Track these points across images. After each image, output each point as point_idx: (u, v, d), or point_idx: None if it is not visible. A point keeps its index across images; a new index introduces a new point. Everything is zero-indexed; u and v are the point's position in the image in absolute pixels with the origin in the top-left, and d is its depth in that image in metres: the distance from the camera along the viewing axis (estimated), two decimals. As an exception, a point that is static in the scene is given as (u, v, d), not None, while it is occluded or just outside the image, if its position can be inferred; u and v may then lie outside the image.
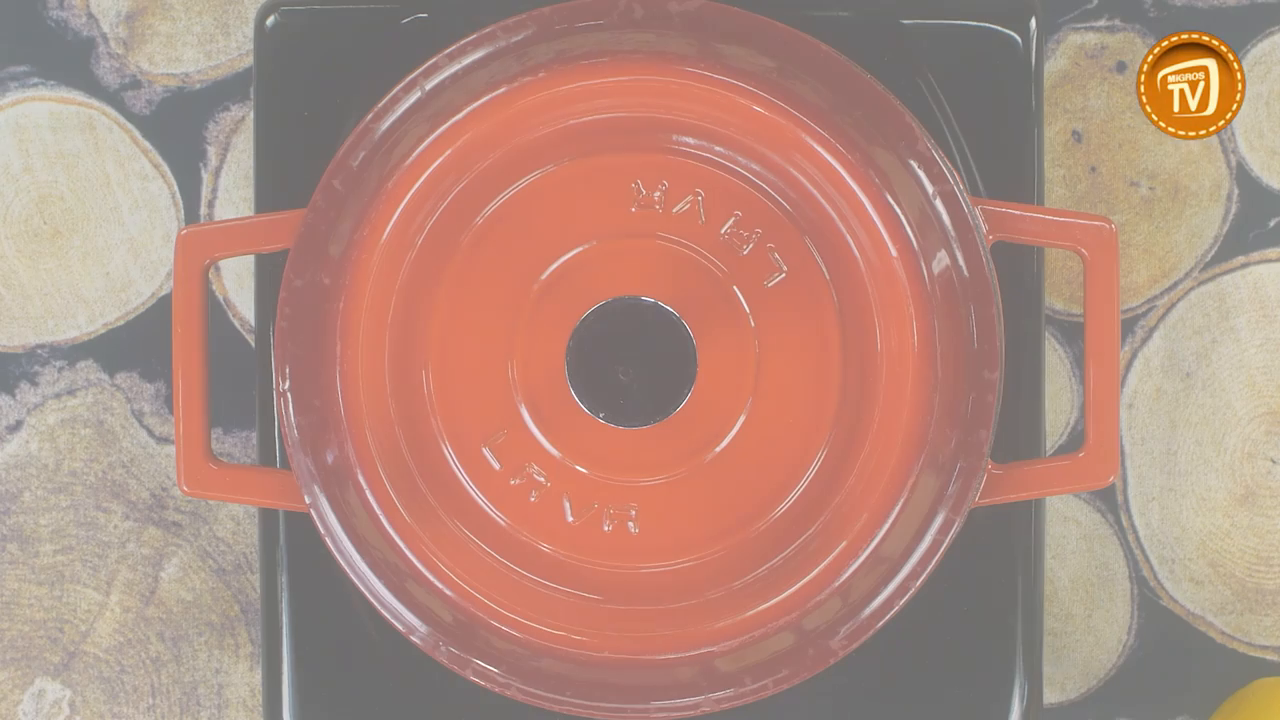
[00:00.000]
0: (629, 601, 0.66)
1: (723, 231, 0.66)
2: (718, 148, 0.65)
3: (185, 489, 0.66)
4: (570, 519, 0.66)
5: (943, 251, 0.64)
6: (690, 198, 0.66)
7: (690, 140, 0.65)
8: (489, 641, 0.66)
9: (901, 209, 0.64)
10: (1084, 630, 0.77)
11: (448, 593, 0.66)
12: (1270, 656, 0.77)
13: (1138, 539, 0.77)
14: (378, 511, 0.66)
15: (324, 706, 0.70)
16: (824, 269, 0.66)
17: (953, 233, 0.64)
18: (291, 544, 0.69)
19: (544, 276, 0.66)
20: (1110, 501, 0.77)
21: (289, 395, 0.65)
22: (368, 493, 0.66)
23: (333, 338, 0.65)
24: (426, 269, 0.66)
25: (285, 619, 0.69)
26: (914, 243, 0.64)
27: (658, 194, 0.66)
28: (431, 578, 0.66)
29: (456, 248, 0.66)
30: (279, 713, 0.70)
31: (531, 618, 0.66)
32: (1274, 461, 0.77)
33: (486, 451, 0.67)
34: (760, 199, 0.66)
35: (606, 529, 0.66)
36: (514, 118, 0.64)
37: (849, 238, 0.65)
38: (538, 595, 0.66)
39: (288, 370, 0.65)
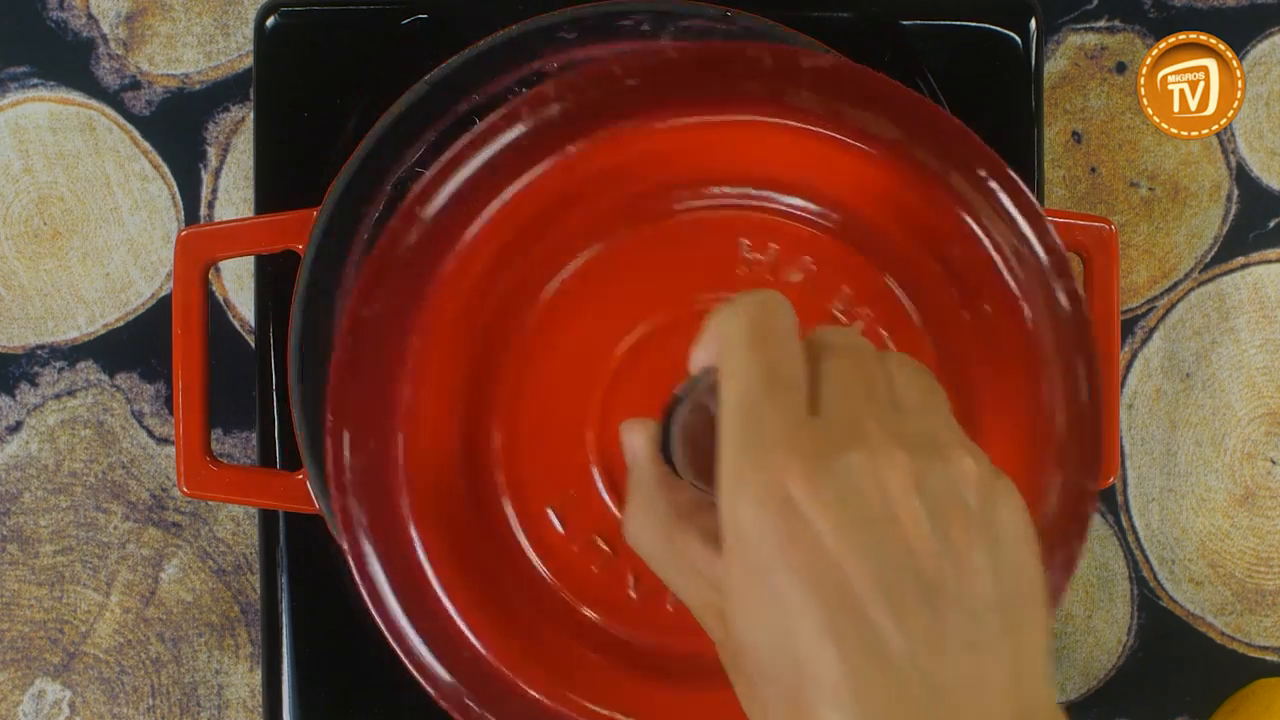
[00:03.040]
0: (696, 687, 0.62)
1: (834, 309, 0.63)
2: (825, 211, 0.63)
3: (185, 490, 0.66)
4: (633, 594, 0.64)
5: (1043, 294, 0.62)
6: (799, 271, 0.63)
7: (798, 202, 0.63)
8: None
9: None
10: (1084, 630, 0.77)
11: (487, 657, 0.62)
12: (1270, 657, 0.77)
13: (1138, 539, 0.77)
14: (424, 563, 0.61)
15: (324, 706, 0.70)
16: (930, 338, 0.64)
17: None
18: (291, 544, 0.69)
19: (629, 340, 0.63)
20: (1110, 502, 0.77)
21: (345, 434, 0.60)
22: (417, 545, 0.61)
23: (399, 379, 0.61)
24: (507, 320, 0.63)
25: (285, 619, 0.69)
26: (1026, 312, 0.62)
27: (763, 256, 0.63)
28: (474, 640, 0.62)
29: (536, 304, 0.63)
30: (279, 713, 0.70)
31: (583, 695, 0.62)
32: (1274, 462, 0.77)
33: (550, 512, 0.64)
34: (872, 273, 0.63)
35: (670, 608, 0.64)
36: (606, 171, 0.61)
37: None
38: (594, 669, 0.63)
39: (345, 406, 0.60)
